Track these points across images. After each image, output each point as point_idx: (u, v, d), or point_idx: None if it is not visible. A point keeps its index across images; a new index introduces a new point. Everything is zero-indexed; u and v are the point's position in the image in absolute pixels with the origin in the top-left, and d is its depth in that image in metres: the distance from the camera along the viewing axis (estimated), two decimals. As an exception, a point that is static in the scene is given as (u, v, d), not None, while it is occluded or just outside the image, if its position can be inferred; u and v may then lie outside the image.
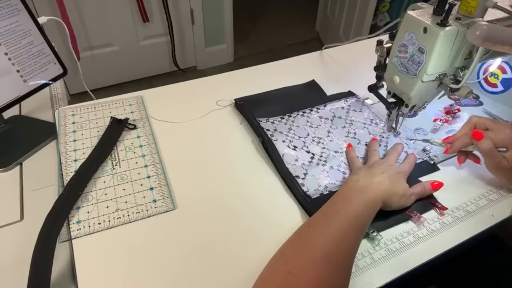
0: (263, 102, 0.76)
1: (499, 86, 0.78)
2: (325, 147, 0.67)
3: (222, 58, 2.45)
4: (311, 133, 0.70)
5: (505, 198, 0.60)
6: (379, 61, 0.64)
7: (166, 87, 0.82)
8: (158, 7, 2.04)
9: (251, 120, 0.71)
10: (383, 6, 2.21)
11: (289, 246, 0.48)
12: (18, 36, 0.63)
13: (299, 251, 0.46)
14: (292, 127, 0.70)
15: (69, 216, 0.54)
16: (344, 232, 0.47)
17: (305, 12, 3.04)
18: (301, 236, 0.48)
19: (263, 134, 0.67)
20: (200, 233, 0.54)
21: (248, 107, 0.74)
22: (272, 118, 0.72)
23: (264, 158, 0.66)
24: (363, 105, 0.77)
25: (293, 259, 0.45)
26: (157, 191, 0.59)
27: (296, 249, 0.46)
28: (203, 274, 0.49)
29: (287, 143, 0.67)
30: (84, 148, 0.65)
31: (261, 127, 0.69)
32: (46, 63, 0.67)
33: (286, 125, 0.71)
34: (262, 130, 0.68)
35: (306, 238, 0.48)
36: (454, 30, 0.51)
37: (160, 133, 0.70)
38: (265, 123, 0.70)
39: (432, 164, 0.65)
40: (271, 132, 0.68)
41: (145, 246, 0.52)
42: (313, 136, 0.69)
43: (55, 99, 0.79)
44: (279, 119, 0.72)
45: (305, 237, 0.48)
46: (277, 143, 0.66)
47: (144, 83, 2.27)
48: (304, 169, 0.62)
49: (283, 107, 0.75)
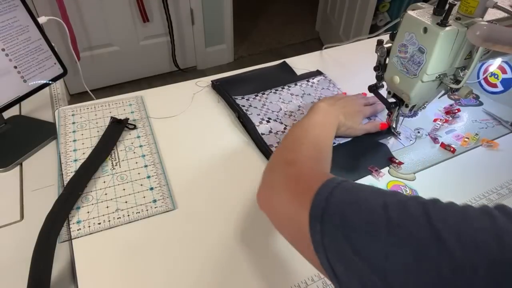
0: (238, 82, 0.81)
1: (499, 86, 0.78)
2: (296, 119, 0.73)
3: (222, 58, 2.45)
4: (284, 108, 0.75)
5: (505, 198, 0.60)
6: (379, 61, 0.64)
7: (166, 87, 0.82)
8: (158, 7, 2.04)
9: (227, 98, 0.76)
10: (383, 6, 2.21)
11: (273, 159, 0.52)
12: (16, 32, 0.63)
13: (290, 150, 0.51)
14: (265, 103, 0.75)
15: (69, 216, 0.54)
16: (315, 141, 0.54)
17: (305, 12, 3.04)
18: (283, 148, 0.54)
19: (238, 109, 0.72)
20: (200, 233, 0.54)
21: (225, 87, 0.78)
22: (247, 96, 0.76)
23: (242, 132, 0.71)
24: (330, 83, 0.83)
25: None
26: (157, 191, 0.59)
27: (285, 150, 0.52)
28: (203, 274, 0.49)
29: (262, 116, 0.72)
30: (84, 148, 0.65)
31: (236, 104, 0.74)
32: (44, 59, 0.67)
33: (260, 101, 0.76)
34: (238, 106, 0.73)
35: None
36: (454, 30, 0.51)
37: (160, 133, 0.70)
38: (241, 100, 0.75)
39: None
40: (246, 107, 0.73)
41: (145, 246, 0.52)
42: (285, 110, 0.74)
43: (55, 99, 0.79)
44: (253, 96, 0.77)
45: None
46: (252, 117, 0.71)
47: (144, 83, 2.27)
48: (277, 138, 0.68)
49: (257, 86, 0.80)
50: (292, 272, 0.50)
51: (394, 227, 0.28)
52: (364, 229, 0.30)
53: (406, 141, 0.69)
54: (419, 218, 0.28)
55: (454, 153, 0.67)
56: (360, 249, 0.29)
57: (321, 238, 0.32)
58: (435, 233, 0.26)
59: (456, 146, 0.68)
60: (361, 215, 0.31)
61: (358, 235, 0.30)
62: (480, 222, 0.26)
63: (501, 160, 0.67)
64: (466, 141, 0.69)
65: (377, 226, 0.29)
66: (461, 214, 0.27)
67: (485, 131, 0.72)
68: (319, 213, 0.33)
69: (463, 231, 0.26)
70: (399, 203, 0.30)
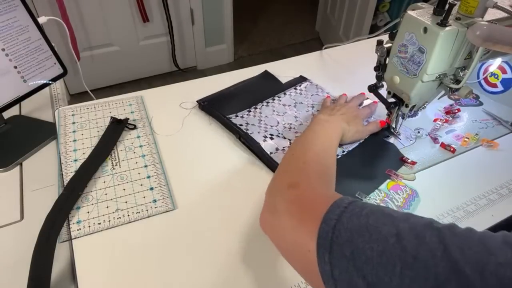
0: (225, 99, 0.78)
1: (499, 86, 0.78)
2: (297, 131, 0.71)
3: (222, 58, 2.45)
4: (280, 121, 0.73)
5: (505, 198, 0.60)
6: (379, 61, 0.64)
7: (166, 87, 0.82)
8: (158, 7, 2.04)
9: (221, 119, 0.72)
10: (383, 6, 2.21)
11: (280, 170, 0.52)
12: (16, 32, 0.63)
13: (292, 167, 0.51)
14: (261, 119, 0.72)
15: (69, 216, 0.54)
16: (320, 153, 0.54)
17: (305, 12, 3.04)
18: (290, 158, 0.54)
19: (238, 129, 0.68)
20: (200, 233, 0.54)
21: (214, 106, 0.74)
22: (241, 113, 0.73)
23: (245, 152, 0.67)
24: (317, 88, 0.82)
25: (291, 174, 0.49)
26: (157, 191, 0.59)
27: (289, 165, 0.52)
28: (203, 274, 0.49)
29: (263, 133, 0.68)
30: (84, 148, 0.65)
31: (233, 123, 0.70)
32: (44, 59, 0.67)
33: (255, 117, 0.73)
34: (235, 126, 0.69)
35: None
36: (454, 30, 0.51)
37: (160, 133, 0.70)
38: (236, 119, 0.71)
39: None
40: (245, 126, 0.70)
41: (145, 246, 0.52)
42: (284, 124, 0.72)
43: (55, 99, 0.79)
44: (246, 112, 0.73)
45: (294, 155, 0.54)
46: (254, 135, 0.67)
47: (144, 83, 2.27)
48: None
49: (246, 101, 0.77)
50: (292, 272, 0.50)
51: (409, 260, 0.27)
52: (376, 260, 0.28)
53: (406, 141, 0.69)
54: (435, 248, 0.26)
55: (454, 153, 0.67)
56: (373, 282, 0.28)
57: (330, 269, 0.31)
58: (454, 265, 0.25)
59: (456, 146, 0.68)
60: (373, 245, 0.29)
61: (371, 268, 0.28)
62: (503, 256, 0.24)
63: (501, 160, 0.67)
64: (466, 141, 0.69)
65: (391, 259, 0.27)
66: (481, 244, 0.25)
67: (485, 131, 0.72)
68: (327, 243, 0.32)
69: (485, 263, 0.24)
70: (413, 231, 0.28)
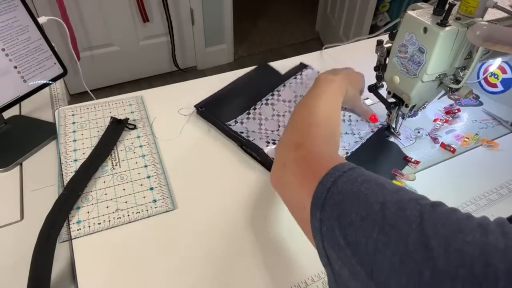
0: (223, 101, 0.74)
1: (499, 86, 0.78)
2: None
3: (222, 58, 2.45)
4: (281, 123, 0.70)
5: (505, 198, 0.60)
6: (379, 61, 0.64)
7: (166, 87, 0.82)
8: (158, 7, 2.03)
9: (220, 126, 0.68)
10: (383, 6, 2.21)
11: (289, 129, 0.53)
12: (16, 32, 0.63)
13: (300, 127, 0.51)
14: (261, 122, 0.70)
15: (69, 216, 0.54)
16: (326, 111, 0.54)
17: (305, 12, 3.04)
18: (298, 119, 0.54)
19: (239, 137, 0.65)
20: (200, 233, 0.54)
21: (212, 112, 0.71)
22: (240, 118, 0.70)
23: (246, 158, 0.66)
24: (319, 74, 0.77)
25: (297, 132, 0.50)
26: (157, 191, 0.59)
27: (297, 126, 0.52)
28: (203, 274, 0.49)
29: (265, 139, 0.65)
30: (84, 148, 0.65)
31: (233, 131, 0.66)
32: (44, 59, 0.67)
33: (255, 120, 0.70)
34: (236, 133, 0.66)
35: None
36: (454, 30, 0.51)
37: (160, 133, 0.70)
38: (235, 126, 0.67)
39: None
40: (245, 133, 0.66)
41: (145, 246, 0.52)
42: (283, 125, 0.70)
43: (55, 99, 0.79)
44: (246, 116, 0.70)
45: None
46: (256, 142, 0.64)
47: (144, 83, 2.27)
48: None
49: (245, 101, 0.73)
50: (292, 272, 0.50)
51: (386, 227, 0.29)
52: (359, 223, 0.30)
53: (406, 141, 0.69)
54: (412, 221, 0.28)
55: (454, 153, 0.67)
56: (352, 242, 0.30)
57: (319, 225, 0.34)
58: (424, 238, 0.26)
59: (456, 146, 0.68)
60: (358, 209, 0.31)
61: (352, 229, 0.31)
62: (472, 235, 0.25)
63: (501, 160, 0.67)
64: (466, 141, 0.69)
65: (371, 223, 0.30)
66: (455, 223, 0.27)
67: (485, 131, 0.72)
68: (320, 202, 0.35)
69: (452, 241, 0.25)
70: (398, 203, 0.30)
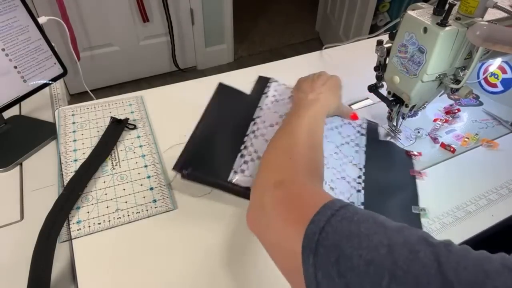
0: (205, 151, 0.62)
1: (499, 86, 0.78)
2: None
3: (222, 58, 2.45)
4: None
5: (505, 198, 0.60)
6: (379, 61, 0.64)
7: (166, 87, 0.82)
8: (158, 7, 2.04)
9: (220, 186, 0.58)
10: (383, 6, 2.21)
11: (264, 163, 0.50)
12: (16, 32, 0.63)
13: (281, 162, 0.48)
14: (254, 159, 0.61)
15: (69, 216, 0.54)
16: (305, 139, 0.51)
17: (305, 12, 3.04)
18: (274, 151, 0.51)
19: (245, 189, 0.57)
20: (200, 233, 0.54)
21: (201, 169, 0.58)
22: (236, 165, 0.59)
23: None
24: (287, 88, 0.75)
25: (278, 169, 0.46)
26: (157, 191, 0.59)
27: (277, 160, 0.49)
28: (203, 274, 0.49)
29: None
30: (84, 148, 0.65)
31: (233, 184, 0.58)
32: (44, 59, 0.67)
33: (254, 161, 0.60)
34: (241, 187, 0.57)
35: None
36: (454, 30, 0.51)
37: (160, 133, 0.70)
38: (237, 178, 0.58)
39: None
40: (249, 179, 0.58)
41: (145, 246, 0.52)
42: None
43: (55, 99, 0.79)
44: (243, 160, 0.61)
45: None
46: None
47: (144, 83, 2.27)
48: None
49: (228, 139, 0.64)
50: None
51: (398, 273, 0.25)
52: (363, 269, 0.27)
53: (406, 141, 0.69)
54: (429, 265, 0.25)
55: (454, 153, 0.67)
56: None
57: (314, 271, 0.30)
58: (447, 285, 0.24)
59: (456, 146, 0.68)
60: (362, 252, 0.28)
61: (355, 276, 0.27)
62: (500, 279, 0.23)
63: (501, 160, 0.67)
64: (466, 141, 0.69)
65: (379, 270, 0.26)
66: (478, 266, 0.24)
67: (485, 131, 0.72)
68: (313, 244, 0.30)
69: (480, 286, 0.23)
70: (406, 244, 0.27)
